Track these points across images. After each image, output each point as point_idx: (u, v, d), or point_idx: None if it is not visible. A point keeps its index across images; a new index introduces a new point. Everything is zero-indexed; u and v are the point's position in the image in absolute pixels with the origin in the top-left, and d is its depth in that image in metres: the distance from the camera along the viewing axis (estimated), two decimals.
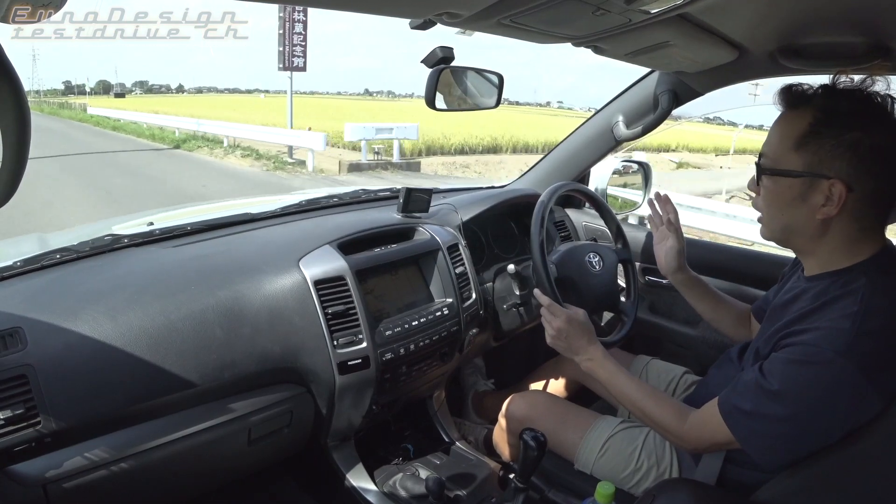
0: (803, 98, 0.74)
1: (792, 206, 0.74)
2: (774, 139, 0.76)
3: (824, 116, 0.71)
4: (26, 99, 0.38)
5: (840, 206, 0.70)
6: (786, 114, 0.75)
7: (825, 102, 0.72)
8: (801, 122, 0.72)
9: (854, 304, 0.69)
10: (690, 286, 1.10)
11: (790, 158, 0.73)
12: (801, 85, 0.75)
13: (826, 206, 0.71)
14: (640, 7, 0.69)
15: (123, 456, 0.80)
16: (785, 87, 0.75)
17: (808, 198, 0.72)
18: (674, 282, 1.10)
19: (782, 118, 0.76)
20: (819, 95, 0.73)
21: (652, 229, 1.15)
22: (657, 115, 1.30)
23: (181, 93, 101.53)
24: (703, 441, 0.81)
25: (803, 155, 0.72)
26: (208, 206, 1.54)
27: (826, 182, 0.70)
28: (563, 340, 0.98)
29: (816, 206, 0.72)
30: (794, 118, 0.74)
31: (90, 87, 75.97)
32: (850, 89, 0.72)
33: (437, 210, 1.32)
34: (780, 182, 0.75)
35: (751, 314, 1.05)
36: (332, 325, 0.97)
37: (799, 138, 0.72)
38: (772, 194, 0.77)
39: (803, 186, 0.72)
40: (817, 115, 0.71)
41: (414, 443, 1.28)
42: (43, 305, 0.79)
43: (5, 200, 0.41)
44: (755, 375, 0.73)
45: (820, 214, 0.72)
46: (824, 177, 0.70)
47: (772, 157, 0.76)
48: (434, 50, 0.91)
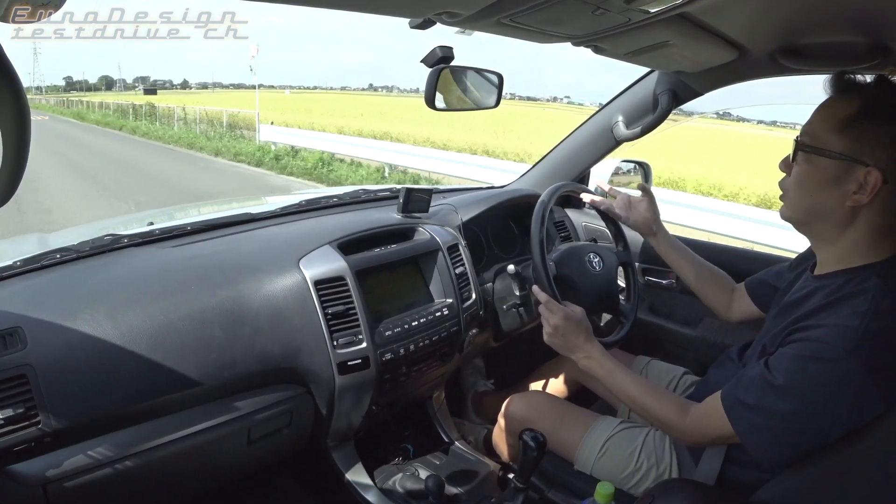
0: (854, 86, 0.74)
1: (823, 188, 0.74)
2: (818, 119, 0.75)
3: (874, 104, 0.70)
4: (26, 98, 0.38)
5: (872, 195, 0.70)
6: (833, 98, 0.75)
7: (877, 92, 0.72)
8: (848, 106, 0.72)
9: (865, 303, 0.69)
10: (663, 250, 1.14)
11: (832, 139, 0.73)
12: (853, 75, 0.74)
13: (858, 193, 0.71)
14: (639, 7, 0.69)
15: (123, 456, 0.80)
16: (837, 73, 0.75)
17: (842, 182, 0.72)
18: (653, 244, 1.15)
19: (829, 102, 0.75)
20: (871, 85, 0.73)
21: (614, 203, 1.20)
22: (657, 115, 1.30)
23: (186, 89, 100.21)
24: (706, 435, 0.81)
25: (845, 138, 0.71)
26: (208, 206, 1.54)
27: (863, 169, 0.70)
28: (560, 338, 0.98)
29: (848, 193, 0.72)
30: (841, 102, 0.73)
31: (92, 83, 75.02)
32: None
33: (437, 210, 1.32)
34: (816, 162, 0.74)
35: (744, 288, 1.08)
36: (331, 326, 0.97)
37: (844, 120, 0.72)
38: (805, 173, 0.76)
39: (839, 169, 0.72)
40: (867, 102, 0.71)
41: (414, 443, 1.28)
42: (43, 305, 0.79)
43: (5, 200, 0.41)
44: (760, 370, 0.73)
45: (850, 201, 0.72)
46: (862, 163, 0.70)
47: (812, 135, 0.75)
48: (434, 49, 0.91)
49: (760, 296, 1.04)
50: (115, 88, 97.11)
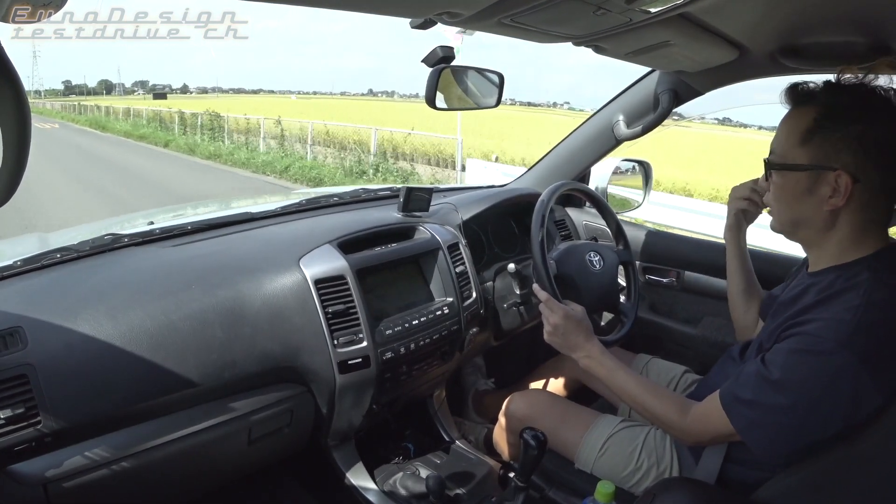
0: (808, 95, 0.76)
1: (800, 200, 0.76)
2: (782, 136, 0.78)
3: (828, 111, 0.73)
4: (27, 99, 0.38)
5: (847, 196, 0.72)
6: (792, 111, 0.78)
7: (829, 98, 0.74)
8: (806, 117, 0.74)
9: (857, 297, 0.70)
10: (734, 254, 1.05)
11: (797, 153, 0.75)
12: (805, 83, 0.76)
13: (833, 197, 0.73)
14: (640, 7, 0.69)
15: (124, 455, 0.80)
16: (790, 85, 0.77)
17: (816, 190, 0.74)
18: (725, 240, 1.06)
19: (789, 115, 0.78)
20: (823, 91, 0.75)
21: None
22: (657, 114, 1.30)
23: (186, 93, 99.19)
24: (706, 434, 0.82)
25: (809, 149, 0.74)
26: (208, 206, 1.54)
27: (832, 174, 0.72)
28: (560, 336, 0.98)
29: (824, 198, 0.74)
30: (799, 114, 0.76)
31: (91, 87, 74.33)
32: (852, 84, 0.73)
33: (438, 209, 1.32)
34: (788, 177, 0.77)
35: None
36: (332, 325, 0.97)
37: (804, 133, 0.74)
38: (781, 189, 0.78)
39: (810, 180, 0.74)
40: (821, 110, 0.73)
41: (414, 442, 1.28)
42: (43, 305, 0.79)
43: (5, 200, 0.41)
44: (757, 366, 0.74)
45: (828, 206, 0.74)
46: (830, 169, 0.72)
47: (779, 153, 0.78)
48: (434, 49, 0.91)
49: (765, 308, 1.01)
50: (115, 92, 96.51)
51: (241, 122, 14.42)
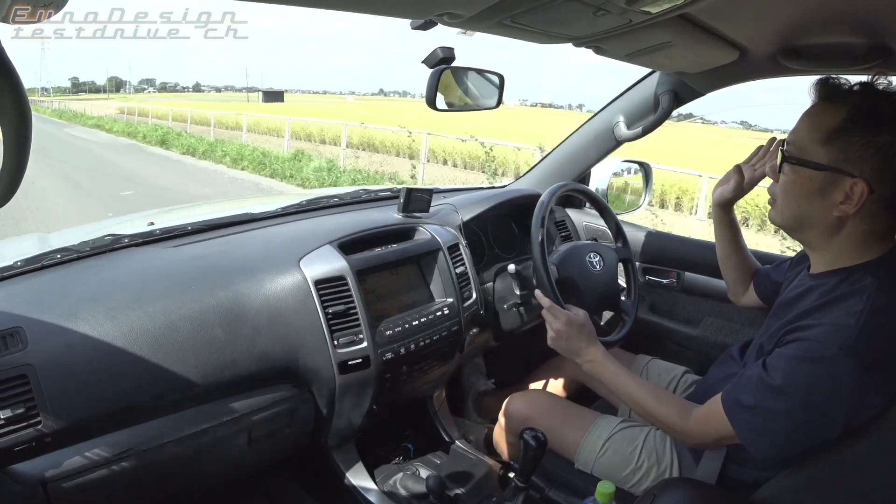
0: (840, 93, 0.73)
1: (809, 199, 0.74)
2: (803, 129, 0.75)
3: (859, 115, 0.69)
4: (27, 98, 0.38)
5: (859, 205, 0.70)
6: (819, 105, 0.74)
7: (862, 101, 0.70)
8: (834, 116, 0.71)
9: (860, 302, 0.69)
10: (723, 225, 1.06)
11: (817, 151, 0.72)
12: (838, 79, 0.73)
13: (845, 203, 0.71)
14: (640, 8, 0.69)
15: (123, 455, 0.80)
16: (822, 78, 0.74)
17: (828, 193, 0.72)
18: (713, 213, 1.07)
19: (815, 109, 0.75)
20: (857, 93, 0.72)
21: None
22: (658, 115, 1.30)
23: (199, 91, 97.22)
24: (707, 437, 0.82)
25: (831, 150, 0.71)
26: (208, 206, 1.54)
27: (849, 180, 0.70)
28: (564, 342, 0.98)
29: (835, 203, 0.72)
30: (827, 111, 0.72)
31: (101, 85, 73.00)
32: (889, 91, 0.70)
33: (438, 210, 1.32)
34: (802, 173, 0.74)
35: (751, 279, 1.08)
36: (332, 325, 0.97)
37: (829, 132, 0.71)
38: (791, 183, 0.76)
39: (825, 181, 0.72)
40: (853, 112, 0.70)
41: (414, 442, 1.28)
42: (43, 305, 0.79)
43: (5, 200, 0.41)
44: (758, 371, 0.74)
45: (837, 212, 0.72)
46: (849, 174, 0.70)
47: (798, 146, 0.75)
48: (435, 50, 0.91)
49: (762, 288, 1.05)
50: (124, 90, 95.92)
51: (384, 136, 11.67)
